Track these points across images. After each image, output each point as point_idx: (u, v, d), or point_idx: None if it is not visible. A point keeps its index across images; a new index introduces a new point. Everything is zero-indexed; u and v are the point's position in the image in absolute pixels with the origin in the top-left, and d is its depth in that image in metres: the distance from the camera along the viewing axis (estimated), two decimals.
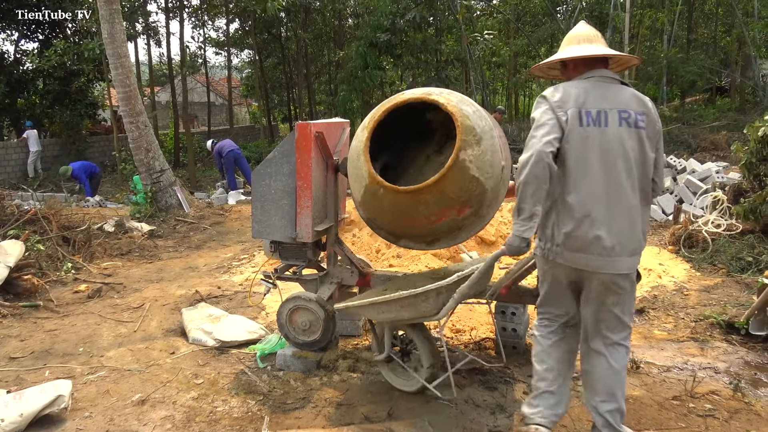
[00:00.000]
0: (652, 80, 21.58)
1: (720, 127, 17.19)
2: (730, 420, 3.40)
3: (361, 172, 3.67)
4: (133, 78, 10.09)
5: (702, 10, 25.74)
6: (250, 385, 3.97)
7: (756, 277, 5.66)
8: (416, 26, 17.40)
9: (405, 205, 3.56)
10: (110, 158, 18.78)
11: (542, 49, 27.91)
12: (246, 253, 7.94)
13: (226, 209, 11.02)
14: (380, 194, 3.58)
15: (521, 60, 29.21)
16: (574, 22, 20.84)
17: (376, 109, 3.77)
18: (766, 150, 6.91)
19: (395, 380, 3.81)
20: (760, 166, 7.01)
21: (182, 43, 19.60)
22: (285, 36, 25.24)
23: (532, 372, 3.20)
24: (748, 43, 19.73)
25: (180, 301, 5.80)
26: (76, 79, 18.77)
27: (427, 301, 3.38)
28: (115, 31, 9.65)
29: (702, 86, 24.06)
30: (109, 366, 4.34)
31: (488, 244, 7.20)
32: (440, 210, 3.54)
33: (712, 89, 25.58)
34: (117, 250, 7.99)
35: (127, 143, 10.74)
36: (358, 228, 7.55)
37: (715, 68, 22.73)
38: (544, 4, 23.96)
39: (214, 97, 33.13)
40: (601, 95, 2.83)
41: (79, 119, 19.06)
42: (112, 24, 9.60)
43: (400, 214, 3.65)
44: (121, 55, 9.75)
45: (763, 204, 6.55)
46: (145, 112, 10.33)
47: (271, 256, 4.43)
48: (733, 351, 4.38)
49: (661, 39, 22.35)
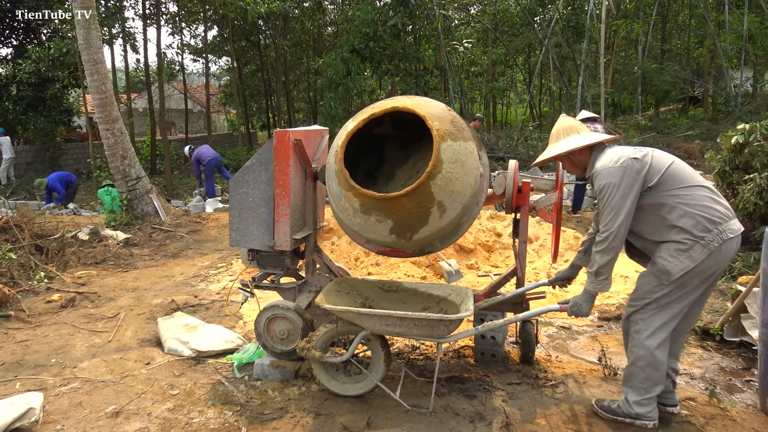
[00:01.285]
0: (627, 90, 21.90)
1: (693, 136, 17.48)
2: (706, 426, 3.43)
3: (338, 177, 3.65)
4: (109, 84, 9.97)
5: (675, 22, 26.22)
6: (227, 396, 3.92)
7: (730, 283, 5.74)
8: (396, 34, 17.45)
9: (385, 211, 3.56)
10: (85, 166, 18.52)
11: (520, 59, 28.22)
12: (223, 262, 7.87)
13: (203, 217, 10.92)
14: (356, 200, 3.56)
15: (499, 68, 29.47)
16: (551, 32, 21.11)
17: (351, 120, 3.76)
18: (739, 159, 7.04)
19: (330, 382, 3.83)
20: (733, 174, 7.13)
21: (159, 49, 19.41)
22: (263, 43, 25.17)
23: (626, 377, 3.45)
24: (720, 54, 20.11)
25: (156, 310, 5.72)
26: (51, 85, 18.48)
27: (449, 326, 3.45)
28: (90, 37, 9.53)
29: (675, 96, 24.48)
30: (82, 377, 4.25)
31: (467, 251, 7.23)
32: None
33: (685, 99, 26.02)
34: (91, 259, 7.86)
35: (102, 150, 10.60)
36: (336, 236, 7.52)
37: (688, 78, 23.13)
38: (521, 14, 24.23)
39: (191, 105, 32.87)
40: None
41: (54, 126, 18.77)
42: (87, 30, 9.48)
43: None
44: (97, 61, 9.63)
45: (736, 212, 6.65)
46: (121, 119, 10.20)
47: (249, 264, 4.39)
48: (709, 357, 4.43)
49: (636, 49, 22.71)
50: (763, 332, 3.55)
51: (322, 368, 3.85)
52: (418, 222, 3.53)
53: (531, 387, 3.94)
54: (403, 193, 3.40)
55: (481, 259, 7.18)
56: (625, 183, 3.18)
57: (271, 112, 29.28)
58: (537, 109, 29.75)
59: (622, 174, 3.19)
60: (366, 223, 3.64)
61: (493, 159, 15.53)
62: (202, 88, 32.18)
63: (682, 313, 3.31)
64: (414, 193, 3.40)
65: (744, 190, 6.59)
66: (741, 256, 6.44)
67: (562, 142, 3.53)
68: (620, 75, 21.95)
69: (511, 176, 4.01)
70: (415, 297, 4.04)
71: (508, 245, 7.37)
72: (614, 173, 3.20)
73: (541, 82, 29.17)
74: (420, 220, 3.52)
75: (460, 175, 3.48)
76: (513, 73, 32.00)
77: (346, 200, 3.64)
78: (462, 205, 3.59)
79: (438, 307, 3.88)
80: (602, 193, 3.24)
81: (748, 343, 4.41)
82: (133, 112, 22.73)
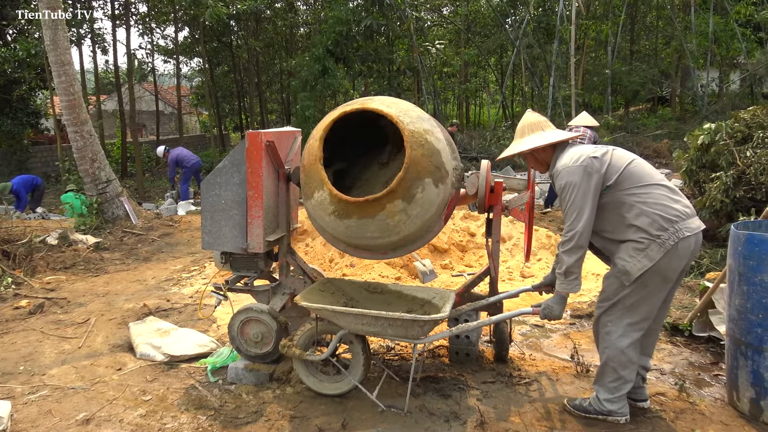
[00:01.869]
0: (597, 90, 22.22)
1: (662, 136, 17.82)
2: (676, 420, 3.49)
3: (313, 178, 3.64)
4: (77, 86, 9.79)
5: (644, 23, 26.67)
6: (200, 400, 3.88)
7: (698, 280, 5.85)
8: (369, 35, 17.47)
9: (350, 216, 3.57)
10: (54, 169, 18.20)
11: (492, 59, 28.44)
12: (196, 265, 7.79)
13: (175, 220, 10.78)
14: (328, 201, 3.56)
15: (471, 69, 29.67)
16: (522, 33, 21.32)
17: (324, 120, 3.75)
18: (706, 157, 7.19)
19: (309, 378, 3.84)
20: (700, 172, 7.29)
21: (129, 50, 19.15)
22: (236, 44, 24.99)
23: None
24: (687, 55, 20.52)
25: (127, 315, 5.64)
26: (18, 87, 18.12)
27: (423, 327, 3.46)
28: (58, 38, 9.36)
29: (644, 96, 24.90)
30: (51, 384, 4.17)
31: (441, 251, 7.26)
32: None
33: (654, 99, 26.50)
34: (60, 264, 7.72)
35: (71, 153, 10.41)
36: (311, 238, 7.50)
37: (657, 79, 23.56)
38: (493, 15, 24.43)
39: (163, 106, 32.49)
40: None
41: (21, 128, 18.43)
42: (54, 30, 9.31)
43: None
44: (64, 62, 9.46)
45: (703, 209, 6.80)
46: (90, 121, 10.03)
47: (222, 267, 4.35)
48: (678, 352, 4.52)
49: (606, 50, 23.05)
50: (729, 327, 3.62)
51: (303, 366, 3.85)
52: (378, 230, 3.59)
53: (505, 385, 3.97)
54: (360, 201, 3.44)
55: (455, 258, 7.22)
56: (585, 182, 3.21)
57: (244, 113, 29.09)
58: (509, 110, 29.99)
59: (581, 173, 3.23)
60: (340, 226, 3.64)
61: (466, 159, 15.65)
62: (173, 89, 31.80)
63: (652, 313, 3.35)
64: (372, 204, 3.43)
65: (711, 188, 6.74)
66: (708, 253, 6.58)
67: (527, 139, 3.55)
68: (590, 75, 22.27)
69: (483, 176, 4.04)
70: (400, 299, 4.05)
71: (481, 245, 7.42)
72: (574, 172, 3.24)
73: (513, 83, 29.43)
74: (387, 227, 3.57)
75: (431, 163, 3.51)
76: (485, 73, 32.26)
77: (322, 202, 3.63)
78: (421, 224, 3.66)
79: (422, 309, 3.90)
80: (563, 192, 3.29)
81: (715, 338, 4.50)
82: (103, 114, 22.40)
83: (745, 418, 3.49)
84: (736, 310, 3.50)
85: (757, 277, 3.35)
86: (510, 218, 7.76)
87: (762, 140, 6.71)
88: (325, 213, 3.66)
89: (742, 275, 3.44)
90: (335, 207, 3.56)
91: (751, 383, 3.44)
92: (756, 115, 7.17)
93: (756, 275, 3.35)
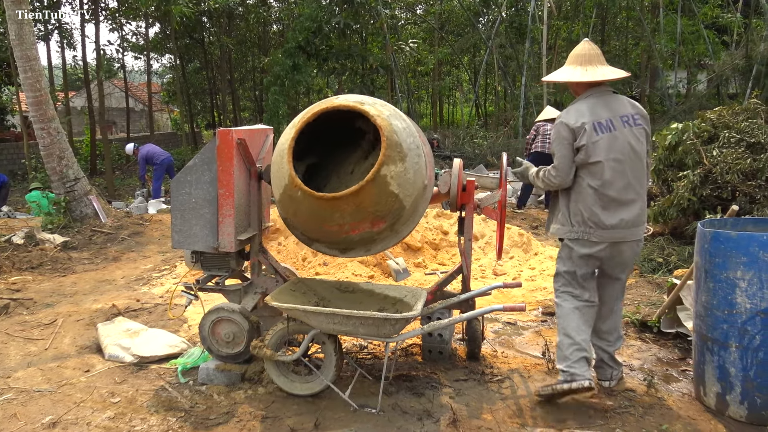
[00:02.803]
0: (569, 90, 22.42)
1: None
2: (645, 415, 3.55)
3: (282, 172, 3.61)
4: (44, 82, 9.57)
5: (614, 24, 27.03)
6: (170, 402, 3.82)
7: (666, 277, 5.96)
8: (341, 33, 17.40)
9: (321, 211, 3.54)
10: (20, 166, 17.76)
11: (465, 58, 28.58)
12: (167, 264, 7.68)
13: (146, 218, 10.62)
14: (298, 197, 3.54)
15: (445, 68, 29.76)
16: (495, 33, 21.46)
17: (305, 111, 3.72)
18: (673, 156, 7.32)
19: (280, 378, 3.82)
20: (668, 171, 7.41)
21: (98, 45, 18.77)
22: (208, 41, 24.69)
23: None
24: (655, 56, 20.85)
25: (96, 315, 5.53)
26: None
27: (395, 326, 3.46)
28: (23, 33, 9.14)
29: None
30: (16, 387, 4.08)
31: (414, 250, 7.27)
32: (355, 221, 3.54)
33: None
34: (27, 264, 7.55)
35: (38, 150, 10.18)
36: (283, 236, 7.45)
37: (626, 79, 23.87)
38: (466, 14, 24.53)
39: (133, 103, 31.97)
40: (605, 106, 3.57)
41: None
42: (20, 25, 9.09)
43: (316, 218, 3.62)
44: (30, 57, 9.25)
45: (671, 207, 6.92)
46: (57, 118, 9.81)
47: (193, 266, 4.30)
48: (647, 348, 4.59)
49: None
50: (696, 323, 3.69)
51: (274, 366, 3.82)
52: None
53: (477, 383, 4.00)
54: (330, 197, 3.42)
55: (428, 257, 7.24)
56: (556, 139, 3.60)
57: (216, 111, 28.76)
58: (482, 109, 30.19)
59: (556, 131, 3.61)
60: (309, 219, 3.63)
61: (439, 157, 15.69)
62: (143, 86, 31.33)
63: (588, 301, 3.69)
64: (351, 198, 3.41)
65: (678, 187, 6.86)
66: (676, 251, 6.70)
67: (608, 69, 3.69)
68: None
69: (455, 175, 4.05)
70: (372, 298, 4.04)
71: (454, 243, 7.45)
72: (555, 127, 3.65)
73: (487, 82, 29.59)
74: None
75: (405, 183, 3.52)
76: (459, 72, 32.38)
77: (291, 199, 3.60)
78: (413, 197, 3.65)
79: (394, 308, 3.90)
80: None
81: (683, 334, 4.59)
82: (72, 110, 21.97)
83: (711, 413, 3.56)
84: (703, 306, 3.57)
85: (723, 274, 3.41)
86: (482, 216, 7.81)
87: (728, 140, 6.84)
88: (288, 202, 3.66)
89: (708, 272, 3.51)
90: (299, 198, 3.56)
91: (718, 378, 3.51)
92: (722, 116, 7.31)
93: (722, 272, 3.42)
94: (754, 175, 6.45)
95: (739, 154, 6.60)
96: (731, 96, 20.90)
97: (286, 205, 3.74)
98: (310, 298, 4.00)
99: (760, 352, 3.34)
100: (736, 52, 19.63)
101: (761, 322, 3.32)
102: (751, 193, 6.39)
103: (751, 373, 3.37)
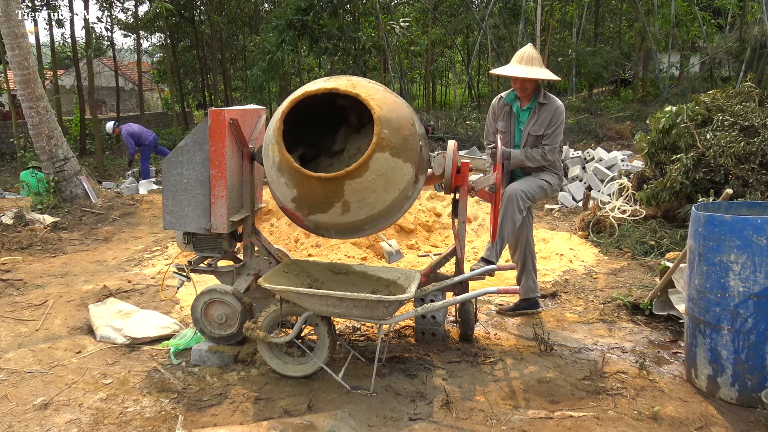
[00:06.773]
0: (562, 72, 22.38)
1: (624, 118, 18.04)
2: (636, 397, 3.57)
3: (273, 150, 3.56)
4: (32, 60, 9.43)
5: (608, 6, 26.90)
6: (163, 383, 3.81)
7: (658, 260, 5.97)
8: (333, 11, 17.19)
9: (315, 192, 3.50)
10: (9, 146, 17.58)
11: (458, 39, 28.39)
12: (158, 245, 7.64)
13: (137, 199, 10.55)
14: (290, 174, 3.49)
15: (438, 49, 29.56)
16: (489, 13, 21.30)
17: (298, 90, 3.67)
18: (666, 140, 7.31)
19: (273, 360, 3.81)
20: (661, 154, 7.40)
21: (87, 23, 18.50)
22: (198, 19, 24.39)
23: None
24: (649, 38, 20.78)
25: (87, 297, 5.50)
26: None
27: (389, 308, 3.45)
28: (10, 9, 8.99)
29: (607, 78, 25.18)
30: (7, 369, 4.05)
31: (407, 231, 7.26)
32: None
33: (617, 81, 26.81)
34: (16, 244, 7.48)
35: (27, 130, 10.06)
36: (276, 218, 7.41)
37: (620, 61, 23.81)
38: None
39: (123, 82, 31.62)
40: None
41: None
42: (7, 1, 8.93)
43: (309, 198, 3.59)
44: (18, 35, 9.10)
45: (663, 190, 6.92)
46: (46, 97, 9.69)
47: (185, 248, 4.26)
48: (639, 331, 4.61)
49: (571, 32, 23.19)
50: (688, 306, 3.70)
51: (267, 348, 3.81)
52: (318, 207, 3.55)
53: (470, 365, 4.01)
54: (315, 176, 3.37)
55: (421, 239, 7.23)
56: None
57: (207, 90, 28.50)
58: (476, 90, 30.06)
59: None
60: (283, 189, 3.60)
61: (432, 139, 15.63)
62: (133, 65, 30.96)
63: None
64: (327, 182, 3.37)
65: (671, 170, 6.85)
66: (669, 234, 6.71)
67: (541, 70, 4.44)
68: (555, 57, 22.39)
69: (450, 156, 4.02)
70: (365, 280, 4.03)
71: (447, 225, 7.44)
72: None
73: (480, 63, 29.43)
74: (322, 206, 3.53)
75: (380, 189, 3.45)
76: (452, 53, 32.18)
77: (281, 175, 3.54)
78: (368, 215, 3.59)
79: (387, 290, 3.88)
80: (561, 119, 4.49)
81: (675, 316, 4.61)
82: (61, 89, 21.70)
83: (702, 395, 3.58)
84: (696, 289, 3.58)
85: (716, 258, 3.42)
86: (476, 198, 7.80)
87: (721, 123, 6.84)
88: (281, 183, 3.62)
89: (701, 255, 3.51)
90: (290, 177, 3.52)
91: (709, 361, 3.53)
92: (716, 99, 7.30)
93: (715, 255, 3.42)
94: (748, 158, 6.46)
95: (732, 137, 6.59)
96: (724, 79, 20.91)
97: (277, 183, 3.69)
98: (303, 280, 3.98)
99: (752, 335, 3.36)
100: (730, 35, 19.60)
101: (754, 306, 3.33)
102: (744, 177, 6.39)
103: (743, 355, 3.39)
